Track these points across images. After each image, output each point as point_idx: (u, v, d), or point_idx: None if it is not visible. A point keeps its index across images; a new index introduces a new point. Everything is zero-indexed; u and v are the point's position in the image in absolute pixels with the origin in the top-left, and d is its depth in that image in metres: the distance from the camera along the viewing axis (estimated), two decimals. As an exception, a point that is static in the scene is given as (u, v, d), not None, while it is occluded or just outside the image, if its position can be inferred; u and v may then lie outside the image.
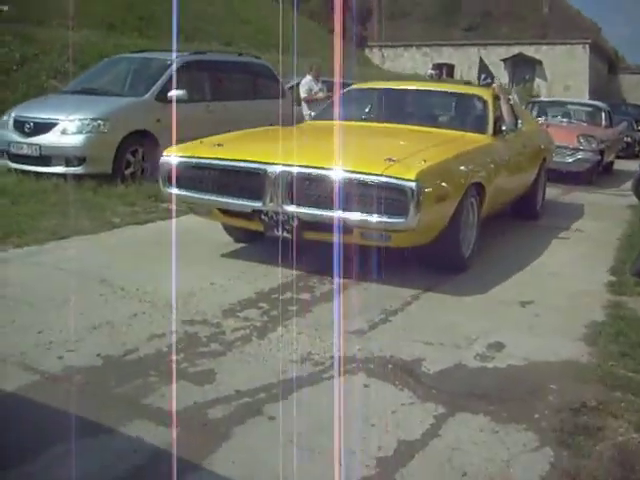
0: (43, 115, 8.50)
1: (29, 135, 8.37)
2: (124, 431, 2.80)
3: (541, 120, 12.41)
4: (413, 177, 4.51)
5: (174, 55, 9.74)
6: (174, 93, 8.85)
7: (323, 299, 4.68)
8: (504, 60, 35.89)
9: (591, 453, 2.76)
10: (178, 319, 4.11)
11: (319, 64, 11.35)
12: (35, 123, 8.40)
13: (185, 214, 6.11)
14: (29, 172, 8.23)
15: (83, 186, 7.78)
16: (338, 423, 2.91)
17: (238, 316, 4.24)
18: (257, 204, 4.96)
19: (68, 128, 8.25)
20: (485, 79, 7.96)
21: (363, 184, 4.63)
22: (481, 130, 6.44)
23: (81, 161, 8.17)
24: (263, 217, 4.99)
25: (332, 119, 6.91)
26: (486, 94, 7.00)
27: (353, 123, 6.72)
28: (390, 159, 4.70)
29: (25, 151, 8.37)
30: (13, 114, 8.72)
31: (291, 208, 4.83)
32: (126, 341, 3.75)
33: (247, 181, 5.04)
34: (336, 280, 4.77)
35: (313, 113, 9.24)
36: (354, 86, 8.06)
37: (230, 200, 5.12)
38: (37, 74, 12.51)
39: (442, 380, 3.46)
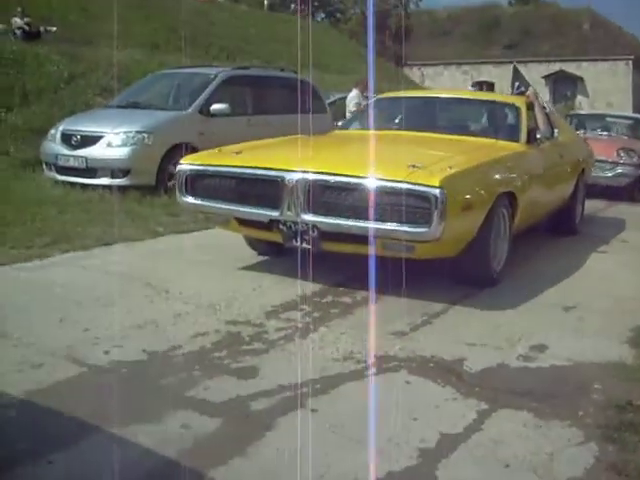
0: (90, 128, 8.70)
1: (76, 148, 8.57)
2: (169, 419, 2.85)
3: (580, 134, 12.03)
4: (437, 183, 4.25)
5: (217, 70, 9.91)
6: (217, 107, 9.02)
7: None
8: (545, 77, 35.72)
9: (637, 448, 2.73)
10: (221, 319, 4.17)
11: (365, 79, 11.44)
12: (82, 136, 8.59)
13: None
14: (75, 184, 8.41)
15: (128, 197, 7.93)
16: (380, 416, 2.93)
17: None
18: (275, 213, 4.73)
19: (113, 141, 8.43)
20: (519, 87, 7.59)
21: (384, 191, 4.40)
22: (514, 138, 6.12)
23: (126, 173, 8.33)
24: (281, 227, 4.78)
25: (359, 128, 6.86)
26: (519, 101, 6.73)
27: (380, 132, 6.45)
28: (414, 165, 4.43)
29: (72, 163, 8.56)
30: (61, 128, 8.94)
31: (309, 217, 4.60)
32: (171, 338, 3.81)
33: (264, 189, 4.83)
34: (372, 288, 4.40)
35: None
36: (382, 95, 7.82)
37: (247, 209, 4.92)
38: (84, 91, 12.78)
39: (484, 378, 3.45)
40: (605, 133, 13.10)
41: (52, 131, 9.07)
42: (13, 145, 10.32)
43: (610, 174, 11.28)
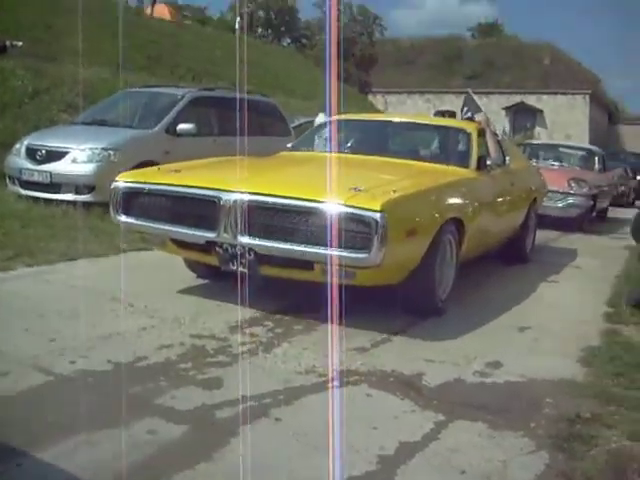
0: (55, 144, 8.71)
1: (40, 162, 8.56)
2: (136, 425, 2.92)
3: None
4: (378, 207, 4.06)
5: (184, 90, 10.01)
6: (183, 127, 9.11)
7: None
8: (506, 108, 36.52)
9: (585, 457, 2.87)
10: (185, 333, 4.23)
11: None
12: (47, 151, 8.59)
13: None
14: (39, 199, 8.40)
15: (92, 213, 7.93)
16: (341, 425, 3.03)
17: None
18: (211, 235, 4.54)
19: (79, 157, 8.44)
20: (466, 113, 7.24)
21: (324, 214, 4.19)
22: (463, 164, 6.00)
23: (91, 189, 8.33)
24: (217, 249, 4.60)
25: (307, 150, 6.72)
26: (470, 127, 6.59)
27: (327, 154, 6.35)
28: (356, 188, 4.26)
29: (36, 178, 8.54)
30: (26, 142, 8.92)
31: (246, 240, 4.41)
32: (136, 350, 3.87)
33: (201, 210, 4.63)
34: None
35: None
36: (334, 117, 7.57)
37: (183, 230, 4.72)
38: (48, 107, 12.75)
39: (442, 392, 3.57)
40: (557, 163, 13.04)
41: (17, 145, 9.05)
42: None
43: (561, 204, 11.12)
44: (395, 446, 2.90)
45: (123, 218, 4.98)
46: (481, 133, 6.56)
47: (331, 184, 4.58)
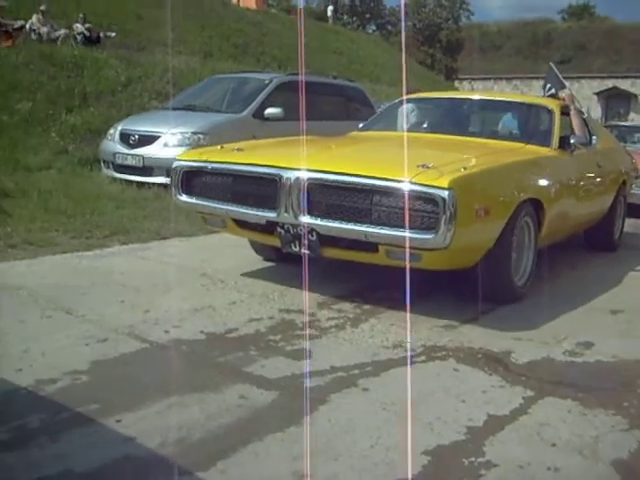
0: (147, 128, 8.99)
1: (133, 147, 8.86)
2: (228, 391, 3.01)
3: None
4: (446, 185, 3.83)
5: (272, 75, 10.14)
6: (271, 111, 9.23)
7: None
8: (598, 94, 35.41)
9: (681, 436, 2.79)
10: (274, 307, 4.32)
11: (416, 88, 11.52)
12: (140, 136, 8.88)
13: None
14: (132, 182, 8.70)
15: (182, 195, 8.14)
16: (428, 397, 3.05)
17: (331, 307, 4.41)
18: (271, 215, 4.39)
19: (170, 141, 8.69)
20: (549, 89, 6.84)
21: (389, 192, 3.99)
22: (544, 143, 5.65)
23: (181, 172, 8.54)
24: (279, 230, 4.44)
25: (378, 129, 6.46)
26: (552, 104, 6.22)
27: (399, 133, 6.16)
28: (424, 165, 4.03)
29: (129, 162, 8.85)
30: (119, 127, 9.25)
31: (307, 220, 4.24)
32: (227, 322, 3.97)
33: (261, 189, 4.48)
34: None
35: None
36: (407, 96, 7.37)
37: (243, 210, 4.57)
38: (140, 95, 13.13)
39: (531, 369, 3.53)
40: None
41: (111, 131, 9.39)
42: (72, 144, 10.67)
43: None
44: (484, 419, 2.89)
45: (184, 198, 4.89)
46: (564, 111, 6.21)
47: (397, 162, 4.37)
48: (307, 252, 4.37)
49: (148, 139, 8.83)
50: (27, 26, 13.94)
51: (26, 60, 12.24)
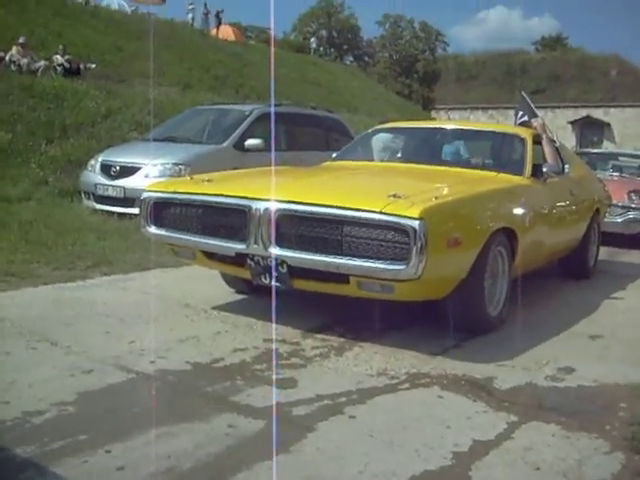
0: (128, 159, 9.03)
1: (114, 178, 8.89)
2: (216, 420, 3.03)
3: None
4: (417, 214, 3.76)
5: (252, 106, 10.24)
6: (251, 142, 9.30)
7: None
8: (572, 122, 35.99)
9: (663, 458, 2.85)
10: (259, 337, 4.34)
11: (388, 118, 11.68)
12: (121, 167, 8.92)
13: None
14: (113, 213, 8.71)
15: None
16: (414, 424, 3.09)
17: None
18: (241, 246, 4.31)
19: (151, 172, 8.72)
20: (522, 117, 6.75)
21: (359, 223, 3.92)
22: (517, 171, 5.63)
23: (162, 203, 8.58)
24: (249, 262, 4.36)
25: (350, 159, 6.38)
26: (524, 133, 6.19)
27: (372, 163, 6.26)
28: (395, 195, 3.95)
29: (110, 193, 8.88)
30: (100, 158, 9.28)
31: (277, 251, 4.17)
32: (212, 352, 3.99)
33: (231, 220, 4.40)
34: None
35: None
36: (379, 126, 7.51)
37: (213, 242, 4.50)
38: (120, 126, 13.20)
39: (514, 395, 3.58)
40: (616, 174, 11.66)
41: (92, 162, 9.42)
42: (52, 175, 10.68)
43: (620, 220, 9.95)
44: (469, 444, 2.93)
45: (153, 230, 4.80)
46: (536, 139, 6.18)
47: (368, 192, 4.43)
48: (277, 284, 4.29)
49: (129, 170, 8.87)
50: (7, 58, 13.96)
51: (6, 91, 12.27)
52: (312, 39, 39.78)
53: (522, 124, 6.71)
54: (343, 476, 2.60)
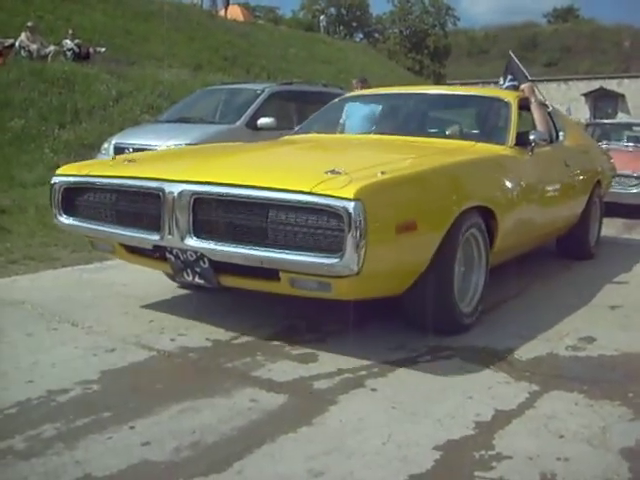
0: (141, 141, 8.99)
1: (128, 160, 8.88)
2: (238, 395, 3.05)
3: (602, 145, 10.23)
4: (351, 195, 3.06)
5: (264, 85, 10.20)
6: (263, 121, 9.27)
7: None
8: (585, 95, 35.65)
9: (687, 424, 2.84)
10: (279, 313, 4.35)
11: (363, 76, 11.33)
12: (134, 149, 8.86)
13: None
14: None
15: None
16: (436, 395, 3.10)
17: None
18: (154, 237, 3.68)
19: (165, 153, 8.71)
20: (512, 80, 5.97)
21: (285, 206, 3.24)
22: (498, 140, 4.95)
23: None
24: (169, 256, 3.72)
25: (309, 132, 5.71)
26: (508, 96, 5.45)
27: (334, 136, 5.58)
28: (334, 171, 3.27)
29: (124, 175, 8.87)
30: (113, 141, 9.27)
31: (194, 243, 3.53)
32: (231, 329, 4.01)
33: (145, 206, 3.77)
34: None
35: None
36: (349, 94, 6.87)
37: (127, 233, 3.86)
38: (131, 109, 13.20)
39: (535, 365, 3.57)
40: (631, 144, 11.50)
41: (105, 145, 9.41)
42: (66, 159, 10.69)
43: (635, 190, 9.89)
44: (491, 413, 2.93)
45: (64, 219, 4.17)
46: (523, 104, 5.51)
47: (303, 169, 3.81)
48: (201, 282, 3.73)
49: (141, 152, 8.85)
50: (17, 44, 13.97)
51: (17, 77, 12.29)
52: (321, 17, 39.56)
53: (511, 88, 5.95)
54: (367, 447, 2.60)
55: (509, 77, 6.06)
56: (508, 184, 4.53)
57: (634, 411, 3.00)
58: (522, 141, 4.96)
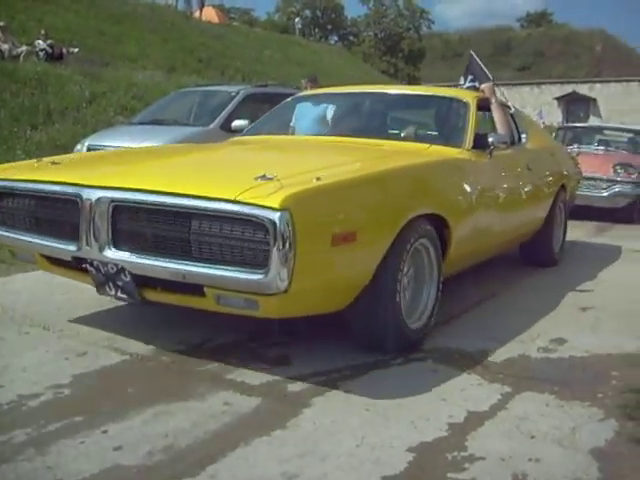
0: (115, 143, 8.91)
1: (102, 162, 8.81)
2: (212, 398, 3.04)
3: (573, 148, 10.76)
4: (277, 204, 2.78)
5: (238, 87, 10.18)
6: (238, 123, 9.26)
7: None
8: (558, 98, 36.05)
9: (655, 424, 2.88)
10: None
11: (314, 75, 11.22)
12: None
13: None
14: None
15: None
16: (409, 396, 3.12)
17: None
18: (72, 248, 3.42)
19: (138, 155, 8.66)
20: (472, 80, 5.73)
21: (208, 216, 2.99)
22: (454, 142, 4.69)
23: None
24: (89, 268, 3.44)
25: (263, 134, 5.42)
26: (466, 96, 5.20)
27: (279, 137, 5.28)
28: (264, 177, 2.99)
29: (98, 177, 8.80)
30: (87, 143, 9.18)
31: (113, 255, 3.27)
32: (206, 332, 3.99)
33: (63, 213, 3.50)
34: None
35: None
36: (301, 93, 6.62)
37: (45, 242, 3.60)
38: (105, 110, 13.10)
39: (507, 367, 3.61)
40: (601, 148, 11.57)
41: (78, 146, 9.32)
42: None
43: (606, 194, 9.96)
44: (464, 415, 2.95)
45: None
46: (483, 104, 5.25)
47: (232, 174, 3.54)
48: (124, 297, 3.48)
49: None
50: (-13, 44, 13.83)
51: (-12, 78, 12.15)
52: (296, 19, 39.59)
53: (471, 88, 5.70)
54: (340, 449, 2.61)
55: (470, 77, 5.85)
56: (463, 190, 4.28)
57: (604, 411, 3.04)
58: (480, 143, 4.72)
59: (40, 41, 14.95)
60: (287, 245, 2.79)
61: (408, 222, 3.51)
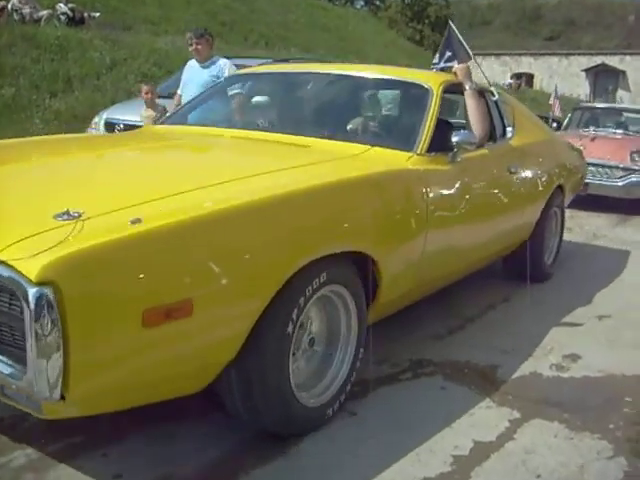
0: (133, 117, 8.86)
1: (119, 137, 8.75)
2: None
3: (588, 131, 10.23)
4: (34, 274, 1.86)
5: (261, 62, 10.03)
6: (257, 98, 9.13)
7: None
8: (586, 70, 35.38)
9: (666, 465, 2.81)
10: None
11: None
12: (125, 125, 8.74)
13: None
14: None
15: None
16: (415, 419, 3.07)
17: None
18: None
19: (156, 131, 8.58)
20: (450, 59, 4.55)
21: None
22: (402, 144, 3.62)
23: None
24: None
25: (185, 123, 4.51)
26: (431, 81, 4.05)
27: (199, 129, 4.23)
28: (69, 215, 2.07)
29: (115, 152, 8.74)
30: (104, 116, 9.12)
31: None
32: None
33: None
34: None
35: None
36: (235, 72, 5.65)
37: None
38: (125, 77, 13.01)
39: (517, 387, 3.54)
40: (619, 131, 10.57)
41: (95, 119, 9.25)
42: (56, 131, 10.56)
43: (621, 183, 9.00)
44: (470, 446, 2.89)
45: None
46: (452, 90, 4.24)
47: (37, 204, 2.37)
48: None
49: (134, 128, 8.71)
50: (9, 6, 13.71)
51: (9, 42, 12.05)
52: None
53: (444, 69, 4.60)
54: (343, 483, 2.57)
55: (447, 54, 4.64)
56: (402, 212, 3.24)
57: (614, 447, 2.97)
58: (440, 145, 3.67)
59: (61, 4, 14.81)
60: (53, 335, 1.87)
61: (301, 269, 2.52)
